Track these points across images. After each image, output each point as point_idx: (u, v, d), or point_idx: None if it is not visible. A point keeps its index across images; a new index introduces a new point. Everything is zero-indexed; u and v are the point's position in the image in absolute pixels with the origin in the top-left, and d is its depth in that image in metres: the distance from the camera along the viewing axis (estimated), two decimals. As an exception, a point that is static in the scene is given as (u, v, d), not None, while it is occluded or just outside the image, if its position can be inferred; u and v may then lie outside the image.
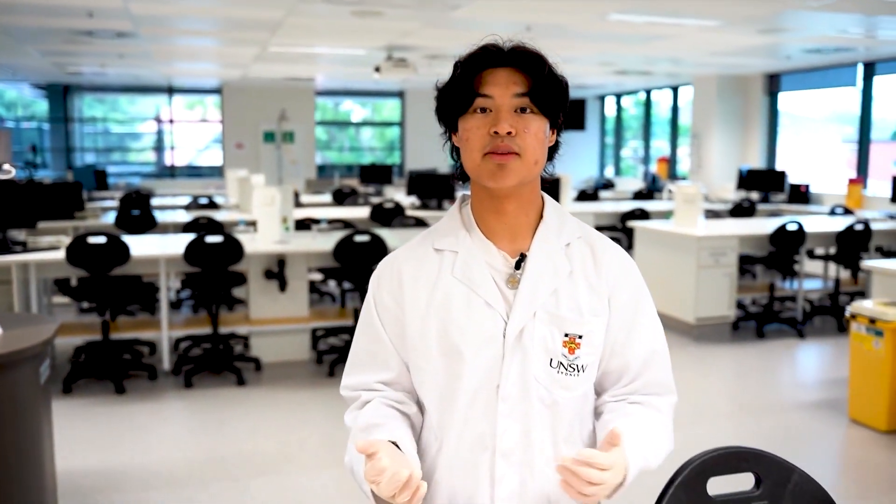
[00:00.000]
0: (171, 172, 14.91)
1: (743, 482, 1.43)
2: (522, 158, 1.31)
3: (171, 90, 14.54)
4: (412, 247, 1.45)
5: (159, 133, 15.10)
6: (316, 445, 4.34)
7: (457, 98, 1.34)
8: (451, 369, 1.36)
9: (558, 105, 1.35)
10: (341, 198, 10.40)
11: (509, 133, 1.29)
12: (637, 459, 1.31)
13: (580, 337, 1.35)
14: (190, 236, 5.51)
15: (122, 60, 10.13)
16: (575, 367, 1.36)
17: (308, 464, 4.06)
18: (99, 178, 11.28)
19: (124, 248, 5.11)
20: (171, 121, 14.91)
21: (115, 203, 9.55)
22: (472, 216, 1.41)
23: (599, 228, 1.56)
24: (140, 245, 5.52)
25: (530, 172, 1.33)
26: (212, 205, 9.08)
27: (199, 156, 15.78)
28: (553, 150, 1.40)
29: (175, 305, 7.30)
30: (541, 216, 1.41)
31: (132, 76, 12.52)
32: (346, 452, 1.44)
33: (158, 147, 15.17)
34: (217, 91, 14.47)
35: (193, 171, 15.33)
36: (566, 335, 1.35)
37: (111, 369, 5.26)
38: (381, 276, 1.44)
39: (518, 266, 1.37)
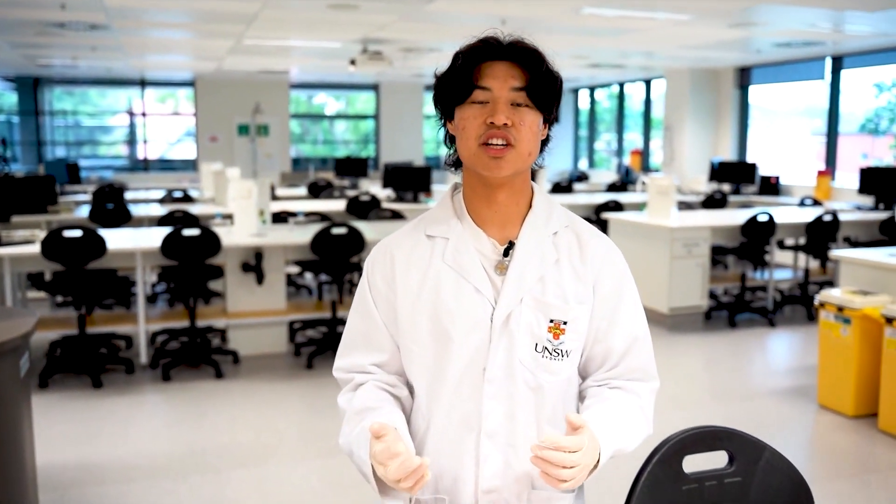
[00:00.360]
0: (143, 166, 14.79)
1: (717, 461, 1.49)
2: (517, 150, 1.35)
3: (143, 83, 14.41)
4: (405, 233, 1.49)
5: (132, 126, 14.96)
6: (295, 437, 4.37)
7: (455, 88, 1.37)
8: (440, 352, 1.40)
9: (553, 100, 1.40)
10: (317, 191, 10.39)
11: (505, 125, 1.33)
12: (610, 442, 1.35)
13: (565, 323, 1.40)
14: (166, 230, 5.49)
15: (94, 53, 10.02)
16: (559, 352, 1.40)
17: (287, 455, 4.09)
18: (71, 172, 11.16)
19: (100, 242, 5.09)
20: (144, 114, 14.77)
21: (87, 197, 9.47)
22: (463, 204, 1.45)
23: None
24: (116, 238, 5.49)
25: (524, 163, 1.38)
26: (186, 198, 9.04)
27: (171, 149, 15.66)
28: (544, 143, 1.44)
29: (150, 299, 7.27)
30: (530, 205, 1.46)
31: (104, 69, 12.39)
32: (340, 434, 1.46)
33: (131, 140, 15.02)
34: (190, 84, 14.37)
35: (166, 165, 15.21)
36: (551, 321, 1.39)
37: (88, 363, 5.24)
38: (375, 261, 1.48)
39: (506, 253, 1.41)
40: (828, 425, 4.54)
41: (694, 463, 1.45)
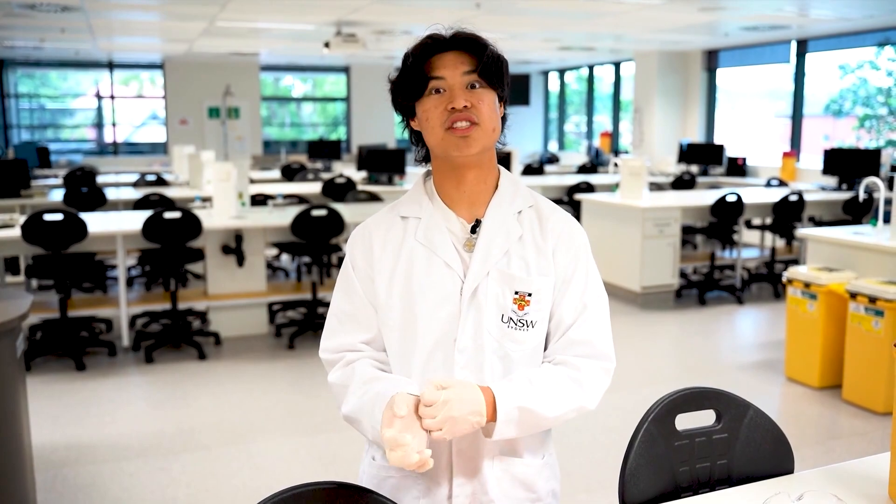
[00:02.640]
0: (113, 149, 14.63)
1: (705, 419, 1.62)
2: (481, 127, 1.45)
3: (111, 65, 14.23)
4: (381, 215, 1.59)
5: (99, 109, 14.77)
6: (281, 414, 4.45)
7: (411, 85, 1.46)
8: (413, 324, 1.49)
9: (503, 78, 1.49)
10: (290, 174, 10.39)
11: (465, 107, 1.43)
12: (508, 394, 1.40)
13: (529, 295, 1.49)
14: (145, 213, 5.52)
15: (62, 35, 9.90)
16: (524, 322, 1.49)
17: (276, 432, 4.18)
18: (41, 156, 11.04)
19: (81, 225, 5.11)
20: (113, 97, 14.59)
21: (58, 181, 9.41)
22: (433, 187, 1.56)
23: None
24: (96, 222, 5.51)
25: (489, 139, 1.48)
26: (160, 181, 9.01)
27: (136, 132, 15.48)
28: (503, 122, 1.54)
29: (127, 283, 7.27)
30: (496, 186, 1.56)
31: (72, 51, 12.22)
32: (343, 404, 1.50)
33: (98, 123, 14.83)
34: (159, 66, 14.22)
35: (133, 148, 15.06)
36: (516, 293, 1.49)
37: (70, 346, 5.26)
38: (355, 243, 1.57)
39: (474, 230, 1.52)
40: (795, 396, 4.73)
41: (685, 421, 1.57)
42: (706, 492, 1.53)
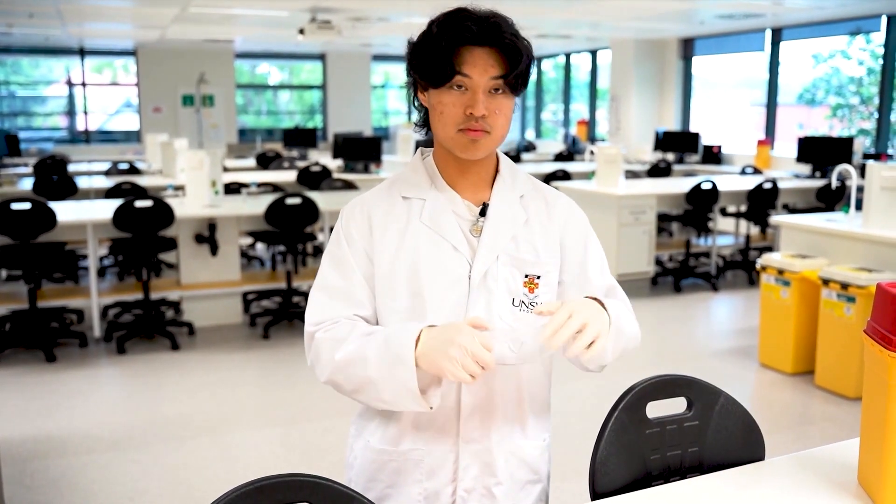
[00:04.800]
0: (84, 138, 14.42)
1: (677, 407, 1.61)
2: (492, 136, 1.41)
3: (82, 52, 14.01)
4: (379, 193, 1.53)
5: (70, 97, 14.54)
6: (255, 405, 4.42)
7: (434, 72, 1.38)
8: (418, 308, 1.45)
9: (527, 81, 1.44)
10: (265, 162, 10.30)
11: (483, 115, 1.38)
12: (607, 304, 1.41)
13: (538, 277, 1.49)
14: (116, 202, 5.43)
15: (31, 20, 9.71)
16: (535, 304, 1.48)
17: (249, 423, 4.14)
18: (10, 144, 10.85)
19: (50, 214, 5.02)
20: (84, 84, 14.37)
21: (28, 169, 9.26)
22: (435, 168, 1.52)
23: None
24: (65, 211, 5.42)
25: (496, 145, 1.46)
26: (133, 170, 8.89)
27: (110, 120, 15.29)
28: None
29: (99, 273, 7.17)
30: (496, 170, 1.54)
31: (41, 37, 12.01)
32: (335, 351, 1.41)
33: (70, 111, 14.61)
34: (132, 53, 14.03)
35: (106, 137, 14.86)
36: (526, 276, 1.48)
37: (40, 338, 5.18)
38: (351, 218, 1.50)
39: (483, 214, 1.49)
40: (768, 382, 4.77)
41: (656, 409, 1.56)
42: (677, 479, 1.52)
